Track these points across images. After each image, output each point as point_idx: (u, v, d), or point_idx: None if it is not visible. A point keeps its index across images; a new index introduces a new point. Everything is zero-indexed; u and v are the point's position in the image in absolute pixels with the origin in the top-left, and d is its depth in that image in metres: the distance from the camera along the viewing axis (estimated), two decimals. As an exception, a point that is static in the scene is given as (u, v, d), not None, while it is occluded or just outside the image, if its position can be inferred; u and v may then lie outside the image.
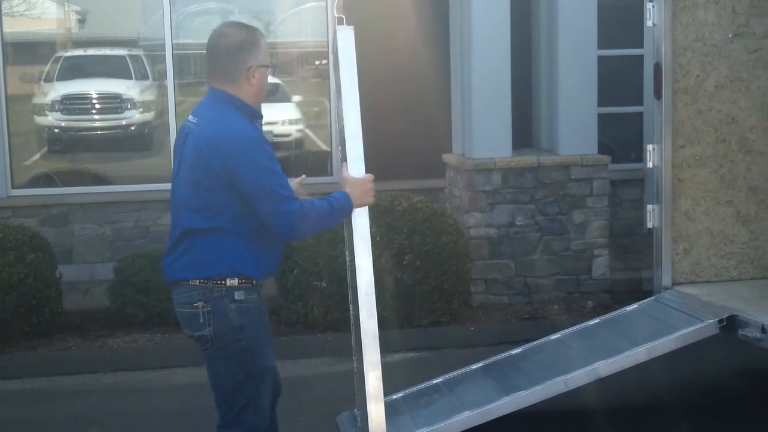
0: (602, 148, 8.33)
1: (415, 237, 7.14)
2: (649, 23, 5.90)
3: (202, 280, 3.79)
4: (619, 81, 9.76)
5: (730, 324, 5.21)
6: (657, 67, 5.89)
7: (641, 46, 9.50)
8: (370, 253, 3.82)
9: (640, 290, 7.85)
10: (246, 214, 3.75)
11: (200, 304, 3.78)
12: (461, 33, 8.28)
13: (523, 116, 8.53)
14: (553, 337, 5.81)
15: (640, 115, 9.80)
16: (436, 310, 7.25)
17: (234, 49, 3.84)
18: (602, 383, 5.17)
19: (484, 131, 7.92)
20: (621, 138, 9.87)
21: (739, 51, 5.98)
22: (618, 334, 5.57)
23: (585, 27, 8.00)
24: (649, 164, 5.98)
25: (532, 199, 7.91)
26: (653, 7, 5.85)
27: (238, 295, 3.79)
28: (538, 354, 5.64)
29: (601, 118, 8.39)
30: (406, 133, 9.62)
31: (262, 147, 3.74)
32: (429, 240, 7.15)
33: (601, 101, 8.34)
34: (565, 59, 8.03)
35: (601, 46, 8.27)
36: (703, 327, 5.21)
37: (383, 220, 7.10)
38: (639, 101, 9.73)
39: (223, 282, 3.78)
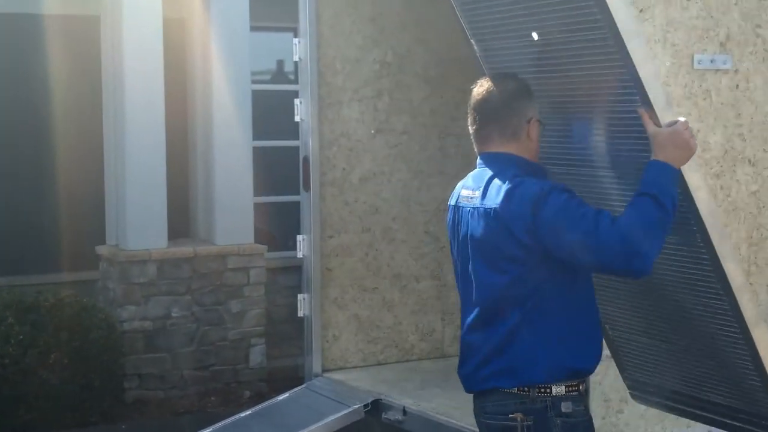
0: (263, 236, 8.45)
1: (63, 334, 6.86)
2: (297, 118, 6.09)
3: (520, 389, 3.22)
4: (280, 170, 9.96)
5: (375, 408, 5.37)
6: (305, 161, 6.07)
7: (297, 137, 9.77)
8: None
9: (297, 377, 7.94)
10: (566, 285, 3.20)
11: (519, 416, 3.19)
12: (114, 123, 8.16)
13: (180, 206, 8.49)
14: (205, 431, 5.72)
15: (298, 204, 10.01)
16: (85, 409, 6.96)
17: (512, 98, 3.33)
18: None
19: (138, 222, 7.79)
20: (281, 226, 10.05)
21: (381, 146, 6.30)
22: (269, 425, 5.59)
23: (240, 118, 8.13)
24: (300, 254, 6.12)
25: (189, 290, 7.84)
26: (300, 103, 6.05)
27: (566, 408, 3.22)
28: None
29: (262, 206, 8.53)
30: (58, 223, 9.24)
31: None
32: (78, 336, 6.90)
33: (262, 190, 8.49)
34: (221, 150, 8.11)
35: (258, 137, 8.45)
36: (350, 412, 5.33)
37: (27, 317, 6.78)
38: (297, 190, 9.94)
39: (547, 390, 3.21)
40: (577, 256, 3.12)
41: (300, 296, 6.11)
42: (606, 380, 4.17)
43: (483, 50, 3.75)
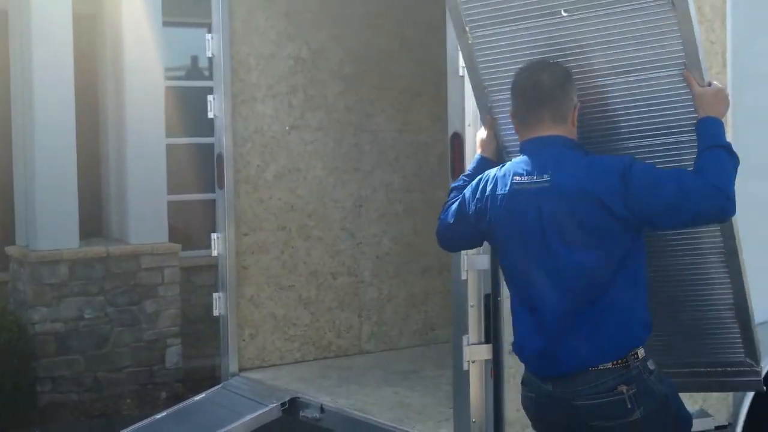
0: (178, 235, 8.34)
1: (-28, 337, 6.70)
2: (210, 115, 6.02)
3: (615, 362, 3.24)
4: (195, 167, 9.85)
5: (292, 406, 5.34)
6: (219, 158, 6.01)
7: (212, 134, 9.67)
8: None
9: (214, 377, 7.85)
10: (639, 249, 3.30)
11: (624, 388, 3.23)
12: (23, 120, 7.98)
13: (92, 205, 8.35)
14: (121, 433, 5.64)
15: (213, 202, 9.92)
16: (-4, 414, 6.80)
17: (565, 81, 3.38)
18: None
19: (49, 221, 7.65)
20: (195, 224, 9.94)
21: (296, 142, 6.27)
22: (186, 426, 5.51)
23: (153, 116, 8.02)
24: (215, 252, 6.06)
25: (102, 290, 7.71)
26: (214, 99, 5.98)
27: (651, 364, 3.30)
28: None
29: (176, 204, 8.42)
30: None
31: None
32: (-13, 339, 6.74)
33: (176, 189, 8.38)
34: (133, 148, 8.00)
35: (173, 134, 8.35)
36: (267, 411, 5.29)
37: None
38: (213, 188, 9.85)
39: (636, 355, 3.27)
40: (671, 216, 3.23)
41: (215, 295, 6.05)
42: (520, 373, 4.19)
43: (478, 38, 3.70)
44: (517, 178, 3.35)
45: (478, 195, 3.48)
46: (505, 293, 4.14)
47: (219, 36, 5.89)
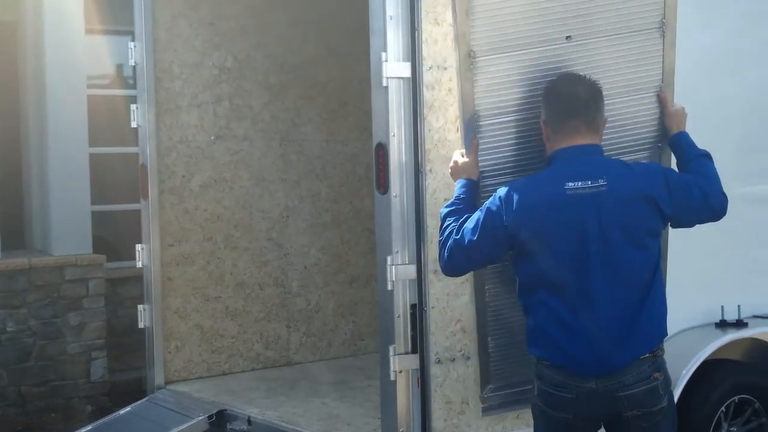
0: (103, 246, 8.22)
1: None
2: (134, 124, 5.95)
3: (651, 353, 3.55)
4: (120, 177, 9.71)
5: (220, 419, 5.30)
6: (143, 168, 5.95)
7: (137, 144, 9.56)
8: None
9: (141, 390, 7.74)
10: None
11: (657, 375, 3.54)
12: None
13: (14, 216, 8.19)
14: (44, 448, 5.54)
15: (139, 212, 9.79)
16: None
17: (599, 95, 3.65)
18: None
19: (-32, 233, 7.47)
20: (121, 235, 9.80)
21: (221, 152, 6.23)
22: (110, 440, 5.45)
23: (75, 125, 7.91)
24: (139, 264, 5.99)
25: (25, 303, 7.56)
26: (137, 108, 5.91)
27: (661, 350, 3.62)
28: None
29: (101, 215, 8.31)
30: None
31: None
32: None
33: (100, 199, 8.26)
34: (56, 157, 7.88)
35: (97, 143, 8.23)
36: (194, 424, 5.24)
37: None
38: (138, 198, 9.72)
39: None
40: (697, 214, 3.71)
41: (140, 307, 5.98)
42: (447, 383, 4.24)
43: (480, 64, 3.89)
44: (570, 184, 3.51)
45: (515, 206, 3.54)
46: (431, 303, 4.17)
47: (142, 44, 5.84)
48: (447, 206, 3.82)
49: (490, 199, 3.66)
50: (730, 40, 5.37)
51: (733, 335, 5.16)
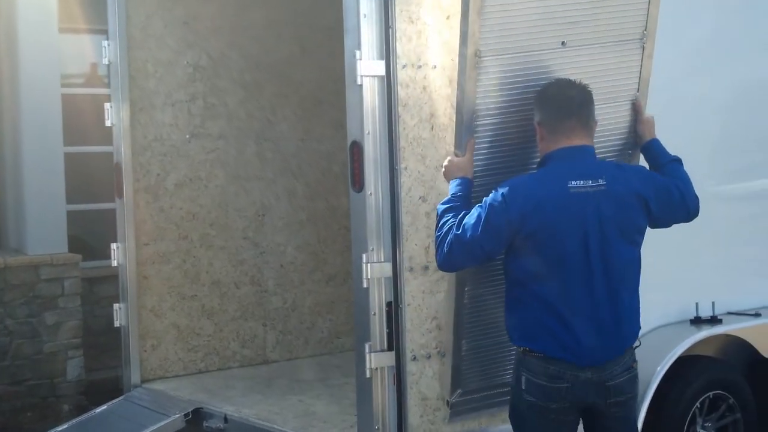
0: (79, 245, 8.19)
1: None
2: (108, 123, 5.94)
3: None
4: (95, 176, 9.67)
5: (196, 417, 5.30)
6: (117, 166, 5.93)
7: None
8: None
9: (118, 389, 7.71)
10: None
11: (635, 365, 3.77)
12: None
13: (-11, 216, 8.15)
14: (19, 449, 5.52)
15: (115, 211, 9.76)
16: None
17: (591, 100, 3.79)
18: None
19: (-58, 233, 7.43)
20: (98, 234, 9.76)
21: (196, 151, 6.22)
22: (87, 439, 5.44)
23: (50, 124, 7.87)
24: (115, 262, 5.98)
25: (0, 302, 7.51)
26: (111, 107, 5.90)
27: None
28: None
29: (77, 214, 8.27)
30: None
31: None
32: None
33: (76, 198, 8.23)
34: (30, 156, 7.82)
35: (72, 142, 8.20)
36: (170, 422, 5.24)
37: None
38: (113, 197, 9.68)
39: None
40: (675, 215, 3.94)
41: (116, 306, 5.98)
42: (422, 380, 4.25)
43: (485, 65, 3.93)
44: (573, 183, 3.65)
45: (520, 201, 3.64)
46: (407, 301, 4.19)
47: (116, 43, 5.83)
48: (444, 203, 3.86)
49: (491, 195, 3.71)
50: (707, 38, 5.41)
51: (707, 332, 5.21)
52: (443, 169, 4.02)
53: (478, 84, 3.93)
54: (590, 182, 3.66)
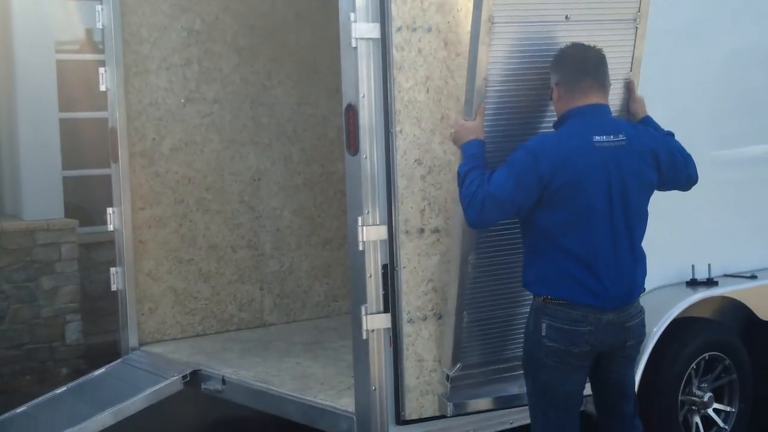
0: (76, 212, 8.20)
1: None
2: (103, 87, 5.92)
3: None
4: (91, 142, 9.65)
5: (194, 379, 5.34)
6: (112, 131, 5.93)
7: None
8: None
9: (116, 353, 7.75)
10: None
11: (643, 309, 4.00)
12: None
13: (-15, 181, 8.15)
14: (19, 410, 5.54)
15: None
16: None
17: (605, 62, 3.92)
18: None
19: (-61, 198, 7.43)
20: (94, 200, 9.76)
21: (192, 115, 6.21)
22: (85, 401, 5.46)
23: (45, 90, 7.85)
24: (110, 227, 5.99)
25: (-3, 268, 7.54)
26: (105, 71, 5.88)
27: None
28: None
29: (74, 180, 8.27)
30: None
31: None
32: None
33: (72, 164, 8.23)
34: (25, 123, 7.81)
35: (67, 108, 8.18)
36: (168, 384, 5.28)
37: None
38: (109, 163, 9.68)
39: None
40: (677, 176, 4.07)
41: (113, 270, 6.00)
42: (419, 341, 4.28)
43: (498, 32, 3.99)
44: (597, 138, 3.80)
45: (550, 155, 3.76)
46: (403, 263, 4.20)
47: (109, 7, 5.81)
48: (465, 164, 3.90)
49: (518, 152, 3.81)
50: (704, 5, 5.40)
51: (703, 293, 5.23)
52: (452, 134, 4.04)
53: (491, 50, 3.96)
54: (612, 137, 3.82)
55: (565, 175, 3.75)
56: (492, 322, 4.33)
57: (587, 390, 4.06)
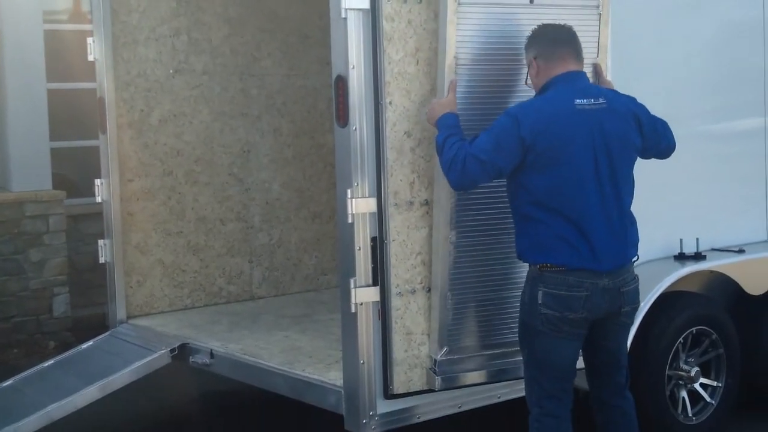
0: (64, 182, 8.16)
1: None
2: (91, 58, 5.87)
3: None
4: (79, 113, 9.59)
5: (182, 352, 5.32)
6: (100, 101, 5.89)
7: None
8: None
9: (104, 326, 7.73)
10: None
11: (637, 277, 4.02)
12: None
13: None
14: (6, 383, 5.52)
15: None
16: None
17: (575, 34, 4.02)
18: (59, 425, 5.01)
19: (-75, 170, 7.37)
20: (82, 171, 9.70)
21: (181, 86, 6.17)
22: (73, 374, 5.44)
23: (32, 61, 7.79)
24: (99, 199, 5.95)
25: (-16, 240, 7.51)
26: (93, 42, 5.83)
27: None
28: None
29: (62, 151, 8.22)
30: None
31: None
32: None
33: (60, 135, 8.18)
34: (13, 94, 7.77)
35: (55, 79, 8.12)
36: (156, 358, 5.27)
37: None
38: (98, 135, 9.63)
39: None
40: (657, 143, 4.13)
41: (101, 242, 5.97)
42: (407, 314, 4.27)
43: (464, 13, 4.11)
44: (578, 101, 3.86)
45: (531, 119, 3.82)
46: (392, 236, 4.18)
47: (98, -24, 5.74)
48: (442, 134, 3.95)
49: (500, 117, 3.89)
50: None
51: (691, 267, 5.23)
52: (427, 113, 4.07)
53: (458, 30, 4.07)
54: (592, 100, 3.88)
55: (548, 139, 3.80)
56: (478, 305, 4.33)
57: (579, 363, 4.06)
